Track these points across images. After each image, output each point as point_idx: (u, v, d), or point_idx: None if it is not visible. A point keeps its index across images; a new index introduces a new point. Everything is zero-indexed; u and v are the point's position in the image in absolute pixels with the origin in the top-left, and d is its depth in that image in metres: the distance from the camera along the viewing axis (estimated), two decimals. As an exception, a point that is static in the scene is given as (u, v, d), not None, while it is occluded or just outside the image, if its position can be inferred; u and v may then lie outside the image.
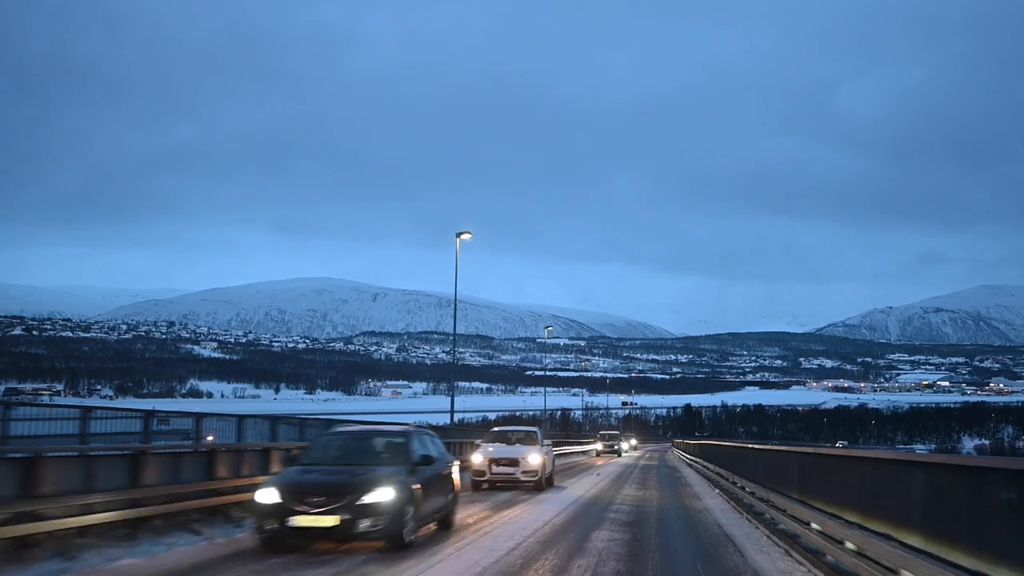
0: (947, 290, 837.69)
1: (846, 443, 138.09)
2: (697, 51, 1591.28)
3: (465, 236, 35.47)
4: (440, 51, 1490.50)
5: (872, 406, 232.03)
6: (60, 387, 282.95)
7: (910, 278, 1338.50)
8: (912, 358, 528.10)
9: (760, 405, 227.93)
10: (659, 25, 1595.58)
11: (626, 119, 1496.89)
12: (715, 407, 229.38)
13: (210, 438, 16.81)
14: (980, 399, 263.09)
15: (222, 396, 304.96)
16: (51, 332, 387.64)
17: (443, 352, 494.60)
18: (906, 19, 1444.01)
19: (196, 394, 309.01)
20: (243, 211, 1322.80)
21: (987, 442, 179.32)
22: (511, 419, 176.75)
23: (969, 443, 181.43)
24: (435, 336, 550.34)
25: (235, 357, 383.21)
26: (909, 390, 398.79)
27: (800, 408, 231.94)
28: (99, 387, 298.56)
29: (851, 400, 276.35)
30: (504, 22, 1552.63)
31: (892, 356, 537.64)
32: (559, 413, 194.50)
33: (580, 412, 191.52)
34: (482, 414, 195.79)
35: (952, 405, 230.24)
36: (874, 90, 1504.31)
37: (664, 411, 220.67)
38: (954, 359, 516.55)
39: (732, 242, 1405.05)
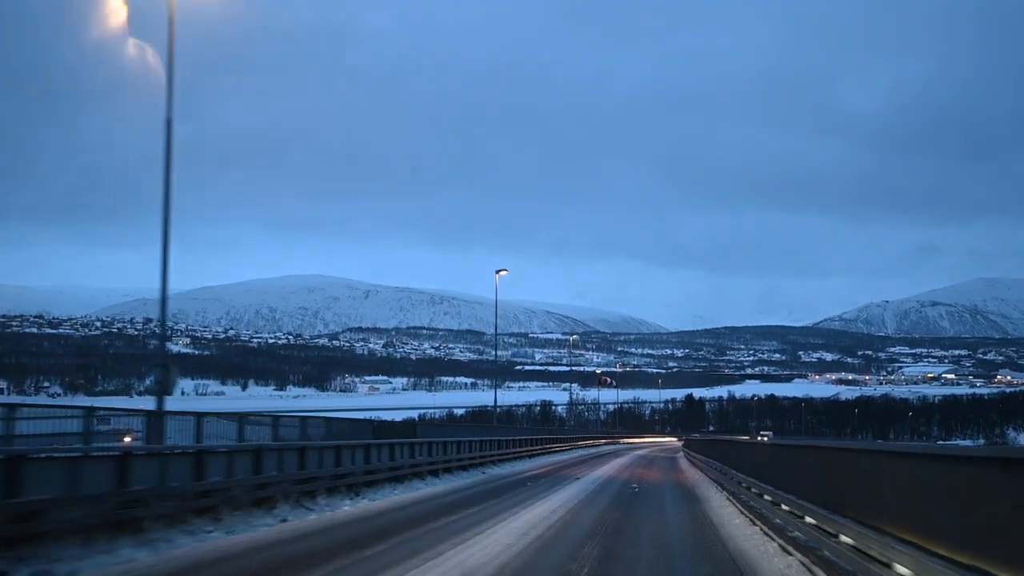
0: (943, 283, 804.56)
1: (771, 434, 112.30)
2: (696, 45, 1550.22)
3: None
4: (438, 47, 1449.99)
5: (899, 397, 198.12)
6: (3, 385, 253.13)
7: (906, 272, 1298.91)
8: (913, 351, 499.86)
9: (773, 396, 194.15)
10: (657, 20, 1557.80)
11: (624, 114, 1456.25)
12: (721, 398, 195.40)
13: (127, 439, 14.93)
14: (1013, 390, 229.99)
15: (183, 393, 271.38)
16: (16, 329, 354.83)
17: (431, 348, 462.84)
18: (905, 11, 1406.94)
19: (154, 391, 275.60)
20: (240, 209, 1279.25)
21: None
22: (479, 415, 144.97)
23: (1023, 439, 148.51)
24: (424, 332, 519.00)
25: (207, 353, 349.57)
26: (916, 382, 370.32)
27: (817, 400, 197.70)
28: (47, 384, 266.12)
29: (868, 392, 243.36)
30: (502, 18, 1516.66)
31: (893, 349, 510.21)
32: (538, 408, 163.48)
33: (561, 407, 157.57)
34: (447, 410, 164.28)
35: (987, 396, 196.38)
36: (873, 83, 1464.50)
37: (661, 404, 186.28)
38: (956, 351, 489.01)
39: (728, 237, 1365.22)
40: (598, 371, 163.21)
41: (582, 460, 42.88)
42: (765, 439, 70.53)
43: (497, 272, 41.25)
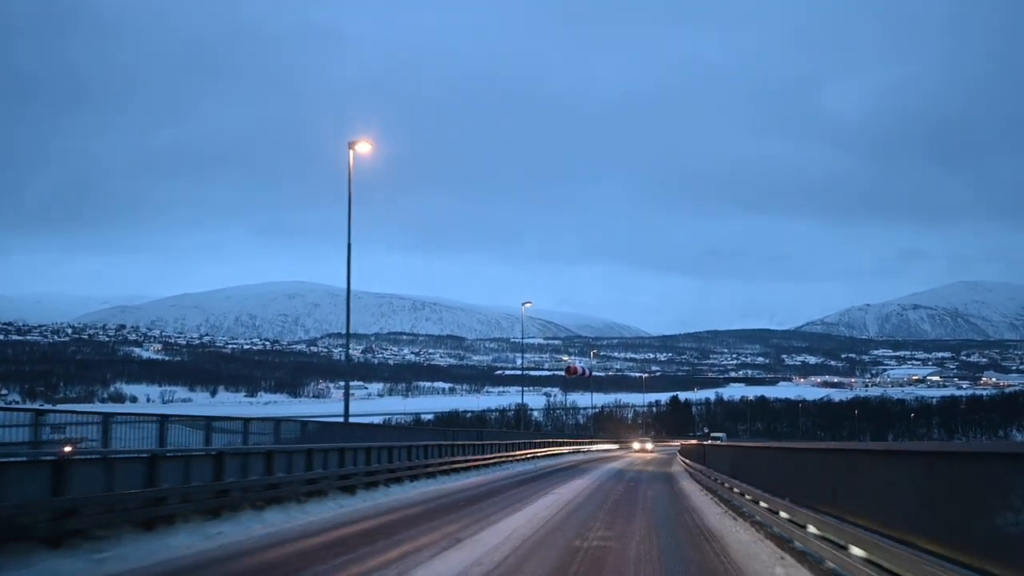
0: (925, 287, 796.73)
1: (723, 436, 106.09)
2: (680, 51, 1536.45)
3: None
4: (422, 54, 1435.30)
5: (895, 399, 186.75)
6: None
7: (888, 275, 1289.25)
8: (897, 353, 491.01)
9: (764, 397, 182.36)
10: (641, 25, 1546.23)
11: (608, 119, 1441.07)
12: (708, 400, 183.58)
13: (68, 448, 11.92)
14: (1012, 390, 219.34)
15: (148, 400, 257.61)
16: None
17: (411, 353, 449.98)
18: (888, 17, 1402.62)
19: (119, 398, 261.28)
20: (223, 216, 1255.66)
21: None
22: (451, 420, 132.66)
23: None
24: (404, 337, 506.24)
25: (177, 359, 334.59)
26: (902, 385, 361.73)
27: (809, 402, 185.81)
28: (5, 392, 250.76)
29: (860, 393, 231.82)
30: (486, 24, 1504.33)
31: (876, 352, 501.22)
32: (511, 411, 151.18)
33: (537, 412, 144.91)
34: (415, 415, 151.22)
35: (985, 397, 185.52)
36: (855, 88, 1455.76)
37: (644, 407, 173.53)
38: (939, 354, 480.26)
39: (711, 241, 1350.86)
40: (566, 358, 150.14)
41: (501, 488, 24.42)
42: (719, 442, 54.66)
43: (350, 144, 28.33)
